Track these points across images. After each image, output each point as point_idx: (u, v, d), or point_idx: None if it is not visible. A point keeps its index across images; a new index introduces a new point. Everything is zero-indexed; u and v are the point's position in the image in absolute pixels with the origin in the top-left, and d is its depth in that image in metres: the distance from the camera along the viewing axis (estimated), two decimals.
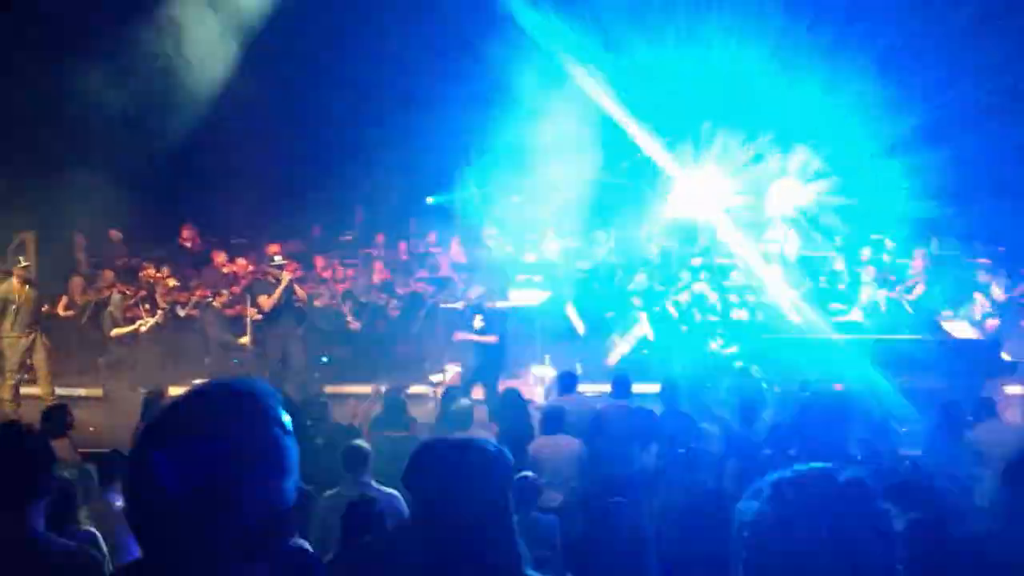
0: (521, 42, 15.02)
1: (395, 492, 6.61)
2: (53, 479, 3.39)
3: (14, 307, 12.23)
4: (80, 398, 12.71)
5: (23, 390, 12.49)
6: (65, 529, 4.51)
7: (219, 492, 1.61)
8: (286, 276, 12.63)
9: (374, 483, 6.71)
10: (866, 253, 14.69)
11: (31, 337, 12.34)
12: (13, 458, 3.25)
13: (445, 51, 15.98)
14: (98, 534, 4.85)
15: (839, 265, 14.51)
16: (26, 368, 12.39)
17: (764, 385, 10.68)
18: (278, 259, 12.87)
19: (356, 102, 16.73)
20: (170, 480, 1.59)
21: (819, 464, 2.05)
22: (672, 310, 13.23)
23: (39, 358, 12.40)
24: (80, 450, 8.60)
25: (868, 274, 13.67)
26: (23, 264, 12.49)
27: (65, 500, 4.76)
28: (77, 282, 14.59)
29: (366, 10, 16.27)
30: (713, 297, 13.08)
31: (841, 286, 13.99)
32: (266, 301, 12.49)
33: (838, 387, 10.46)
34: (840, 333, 12.41)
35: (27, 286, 12.43)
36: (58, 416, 8.41)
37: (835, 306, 13.33)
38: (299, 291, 12.87)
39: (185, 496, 1.59)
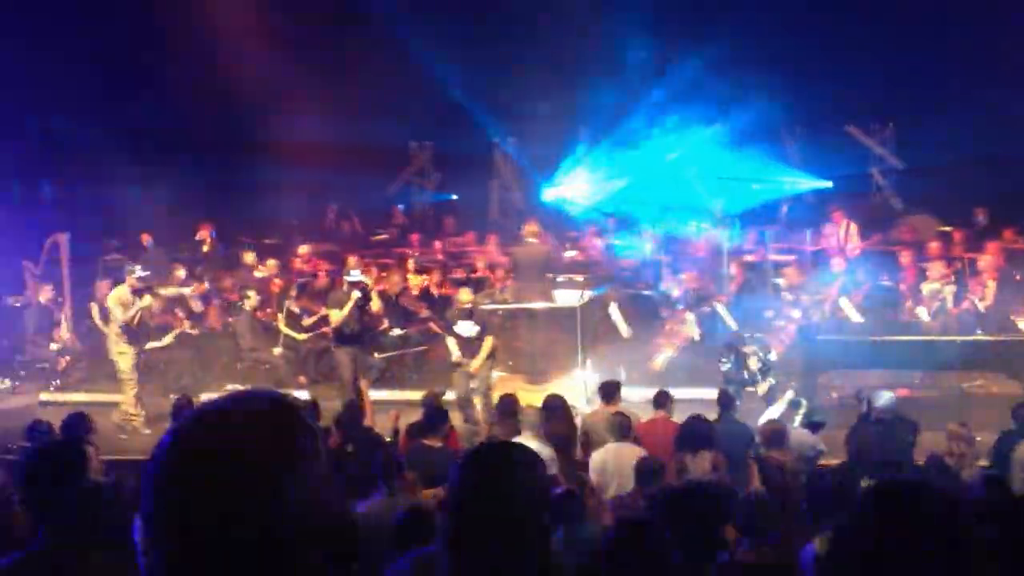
0: None
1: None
2: (89, 491, 3.32)
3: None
4: (112, 404, 12.42)
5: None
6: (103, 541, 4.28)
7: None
8: (355, 294, 11.56)
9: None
10: (934, 248, 13.91)
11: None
12: (50, 473, 3.21)
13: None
14: None
15: (904, 260, 13.81)
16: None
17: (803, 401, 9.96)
18: (355, 273, 11.82)
19: (394, 98, 16.55)
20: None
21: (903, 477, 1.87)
22: (721, 310, 12.63)
23: None
24: (111, 458, 8.48)
25: (935, 270, 12.85)
26: (137, 274, 12.07)
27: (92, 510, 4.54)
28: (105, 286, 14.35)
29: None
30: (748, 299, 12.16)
31: (903, 285, 13.28)
32: (336, 316, 11.75)
33: (903, 392, 9.95)
34: (905, 334, 11.82)
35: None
36: (79, 423, 8.25)
37: (909, 306, 12.65)
38: (373, 307, 11.98)
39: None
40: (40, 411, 12.14)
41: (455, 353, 11.31)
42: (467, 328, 11.22)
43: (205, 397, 12.49)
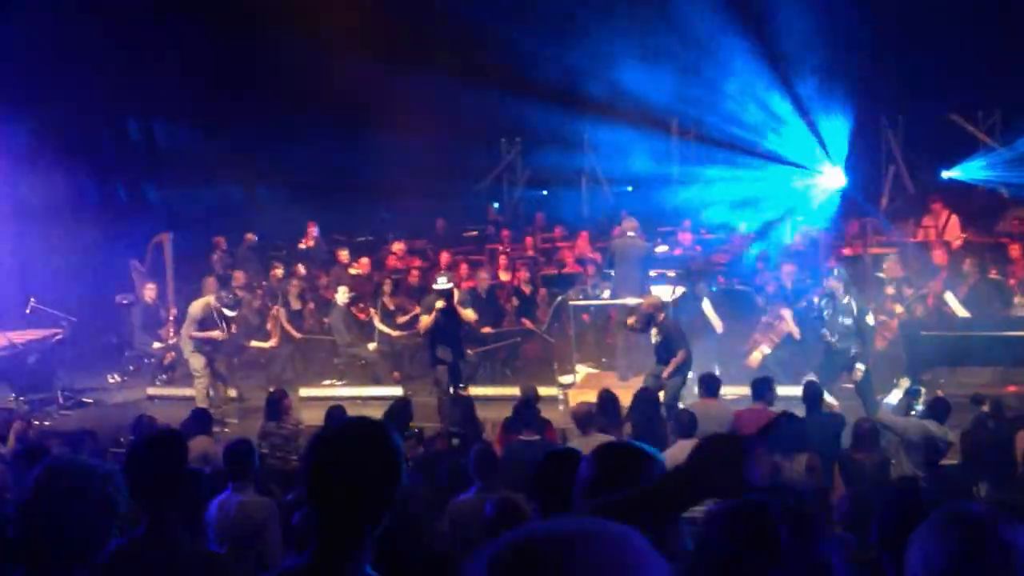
0: None
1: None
2: (185, 479, 3.40)
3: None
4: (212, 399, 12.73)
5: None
6: (196, 527, 4.59)
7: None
8: (440, 303, 11.30)
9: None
10: None
11: None
12: (153, 460, 3.29)
13: None
14: None
15: (1014, 252, 13.27)
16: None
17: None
18: (441, 281, 11.54)
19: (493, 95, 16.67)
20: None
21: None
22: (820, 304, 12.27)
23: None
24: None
25: None
26: (223, 301, 12.42)
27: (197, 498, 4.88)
28: (211, 282, 14.70)
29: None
30: (840, 292, 11.56)
31: (1013, 280, 12.71)
32: (425, 321, 11.74)
33: (1011, 389, 9.61)
34: (1014, 330, 11.35)
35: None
36: (201, 419, 8.77)
37: (1019, 300, 12.12)
38: (463, 314, 11.59)
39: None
40: (147, 405, 12.52)
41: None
42: (654, 335, 11.03)
43: (304, 392, 12.79)
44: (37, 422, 11.44)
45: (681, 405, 9.88)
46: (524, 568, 1.33)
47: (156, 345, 14.07)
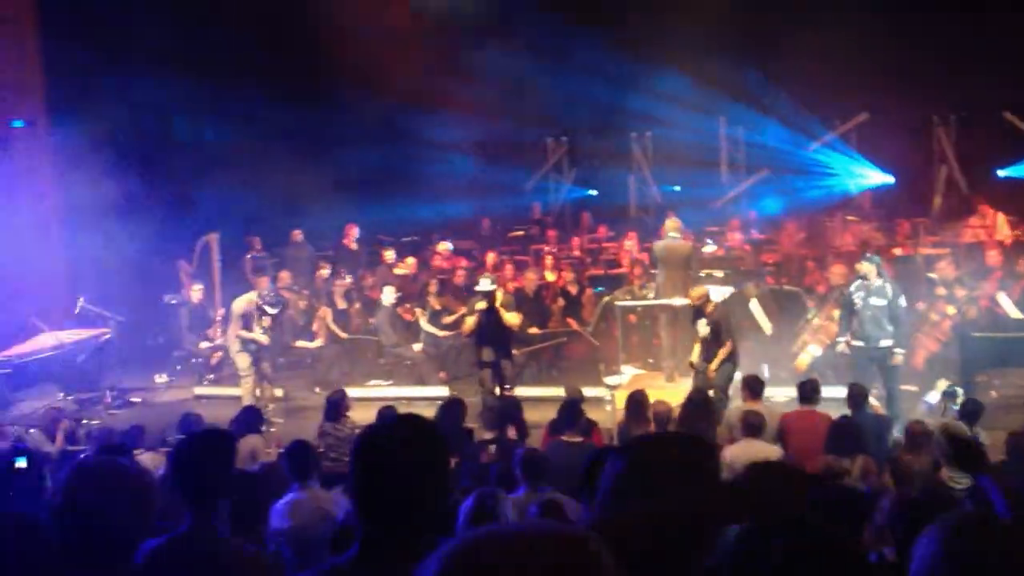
0: None
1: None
2: (236, 479, 3.41)
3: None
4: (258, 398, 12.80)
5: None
6: (252, 529, 4.62)
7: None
8: (482, 303, 11.23)
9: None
10: None
11: None
12: (199, 458, 3.30)
13: None
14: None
15: None
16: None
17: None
18: (484, 283, 11.46)
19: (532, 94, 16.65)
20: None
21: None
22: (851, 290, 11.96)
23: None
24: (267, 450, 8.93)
25: None
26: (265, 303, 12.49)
27: (252, 499, 4.92)
28: (263, 282, 14.74)
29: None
30: (873, 274, 11.17)
31: None
32: (469, 323, 11.68)
33: None
34: None
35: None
36: (252, 417, 8.92)
37: None
38: (505, 317, 11.38)
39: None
40: (194, 405, 12.60)
41: (694, 355, 11.03)
42: (702, 327, 10.96)
43: (350, 393, 12.76)
44: (85, 421, 11.59)
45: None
46: (473, 568, 1.36)
47: (203, 345, 14.18)
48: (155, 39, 15.15)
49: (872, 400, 9.75)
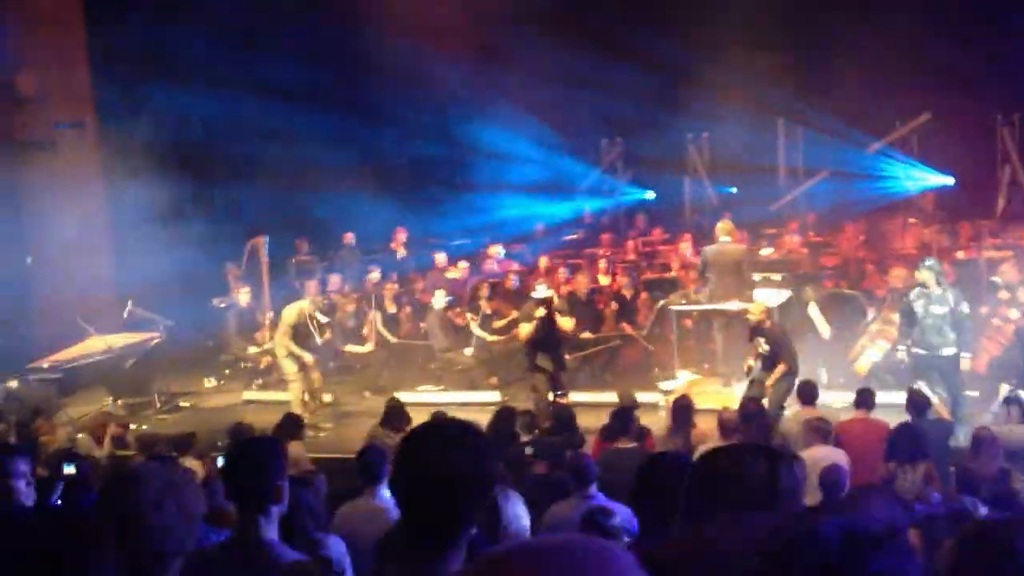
0: None
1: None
2: (286, 487, 3.38)
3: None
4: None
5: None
6: (305, 539, 4.51)
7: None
8: (540, 310, 11.09)
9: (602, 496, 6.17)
10: None
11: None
12: (248, 463, 3.36)
13: None
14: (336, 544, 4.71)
15: None
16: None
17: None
18: (541, 290, 11.34)
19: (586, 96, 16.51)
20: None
21: None
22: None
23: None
24: (312, 455, 9.02)
25: None
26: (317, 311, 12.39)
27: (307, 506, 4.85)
28: (312, 286, 14.71)
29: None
30: (932, 281, 10.72)
31: None
32: (525, 330, 11.49)
33: None
34: None
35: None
36: (291, 423, 9.00)
37: None
38: (560, 323, 11.29)
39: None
40: (243, 409, 12.57)
41: (753, 366, 10.81)
42: (761, 345, 10.73)
43: (400, 398, 12.65)
44: (133, 426, 11.57)
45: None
46: None
47: (252, 349, 14.11)
48: (202, 45, 15.16)
49: (934, 402, 9.49)
